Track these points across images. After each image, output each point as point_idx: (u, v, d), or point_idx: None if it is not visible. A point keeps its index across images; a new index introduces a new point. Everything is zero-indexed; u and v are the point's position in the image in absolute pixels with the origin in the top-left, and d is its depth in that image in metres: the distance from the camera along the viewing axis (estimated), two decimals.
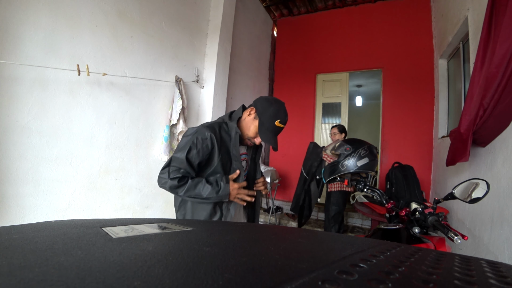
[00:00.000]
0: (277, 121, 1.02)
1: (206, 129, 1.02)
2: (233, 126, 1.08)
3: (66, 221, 0.38)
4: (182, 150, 1.00)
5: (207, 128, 1.02)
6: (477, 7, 1.89)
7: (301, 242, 0.32)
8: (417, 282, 0.18)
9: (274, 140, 1.05)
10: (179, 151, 1.02)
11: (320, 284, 0.16)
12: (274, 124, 1.02)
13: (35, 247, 0.24)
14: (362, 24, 3.86)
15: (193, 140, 1.01)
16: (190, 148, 1.00)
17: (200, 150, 1.01)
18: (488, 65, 1.36)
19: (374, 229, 0.99)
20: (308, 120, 4.10)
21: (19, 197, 1.37)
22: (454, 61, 2.79)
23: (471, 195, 0.86)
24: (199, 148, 1.01)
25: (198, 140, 1.01)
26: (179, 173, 0.99)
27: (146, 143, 2.11)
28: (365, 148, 1.08)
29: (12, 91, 1.32)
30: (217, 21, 2.71)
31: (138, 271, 0.18)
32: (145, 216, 2.14)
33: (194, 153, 1.01)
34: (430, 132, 3.33)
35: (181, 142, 1.04)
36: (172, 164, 1.01)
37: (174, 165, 1.00)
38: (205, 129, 1.02)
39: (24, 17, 1.35)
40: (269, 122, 1.02)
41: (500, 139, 1.53)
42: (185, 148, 1.00)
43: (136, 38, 1.97)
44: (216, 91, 2.65)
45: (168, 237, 0.31)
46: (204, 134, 1.01)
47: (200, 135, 1.01)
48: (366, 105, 6.62)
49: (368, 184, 1.12)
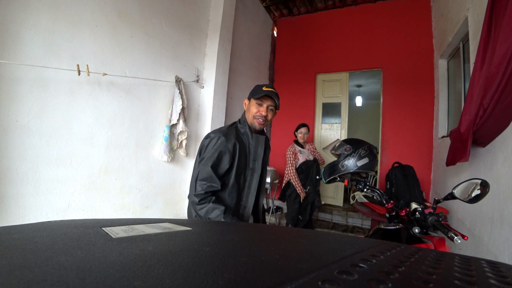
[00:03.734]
0: (263, 87, 1.11)
1: (228, 136, 1.08)
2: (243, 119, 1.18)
3: (66, 221, 0.38)
4: (209, 160, 1.04)
5: (228, 136, 1.08)
6: (477, 7, 1.89)
7: (301, 242, 0.32)
8: (417, 282, 0.18)
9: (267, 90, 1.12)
10: (205, 161, 1.05)
11: (320, 284, 0.16)
12: (262, 89, 1.11)
13: (35, 247, 0.24)
14: (362, 24, 3.86)
15: (220, 149, 1.05)
16: (215, 157, 1.04)
17: (225, 159, 1.06)
18: (488, 65, 1.35)
19: (374, 229, 0.99)
20: (308, 120, 4.10)
21: (19, 197, 1.37)
22: (454, 61, 2.79)
23: (471, 195, 0.86)
24: (224, 156, 1.06)
25: (223, 149, 1.06)
26: (203, 188, 1.02)
27: (146, 143, 2.11)
28: (365, 148, 1.08)
29: (12, 91, 1.32)
30: (217, 21, 2.71)
31: (138, 271, 0.18)
32: (145, 216, 2.14)
33: (219, 162, 1.06)
34: (430, 132, 3.33)
35: (206, 151, 1.08)
36: (199, 176, 1.04)
37: (200, 178, 1.04)
38: (227, 137, 1.08)
39: (24, 17, 1.35)
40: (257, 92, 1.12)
41: (500, 139, 1.53)
42: (211, 158, 1.04)
43: (136, 38, 1.97)
44: (216, 91, 2.65)
45: (168, 237, 0.31)
46: (227, 142, 1.06)
47: (224, 143, 1.06)
48: (366, 105, 6.62)
49: (368, 184, 1.12)
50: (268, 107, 1.14)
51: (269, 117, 1.16)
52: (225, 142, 1.06)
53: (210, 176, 1.03)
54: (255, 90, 1.15)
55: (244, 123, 1.17)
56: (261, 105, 1.13)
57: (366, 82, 5.48)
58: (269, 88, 1.12)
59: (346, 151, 1.10)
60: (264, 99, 1.13)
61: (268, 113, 1.15)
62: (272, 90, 1.12)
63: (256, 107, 1.14)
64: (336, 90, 4.03)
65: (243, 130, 1.17)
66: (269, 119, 1.17)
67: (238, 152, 1.09)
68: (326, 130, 4.11)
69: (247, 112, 1.18)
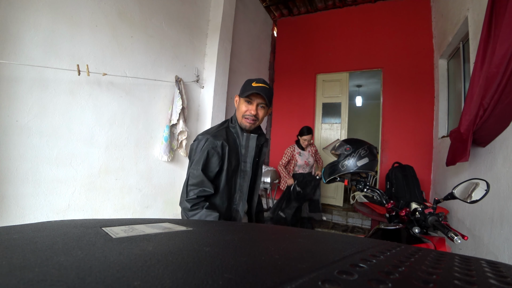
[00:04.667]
0: (252, 83, 1.03)
1: (216, 137, 1.02)
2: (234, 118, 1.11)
3: (66, 221, 0.38)
4: (197, 164, 0.99)
5: (216, 137, 1.02)
6: (477, 7, 1.89)
7: (301, 242, 0.32)
8: (417, 282, 0.18)
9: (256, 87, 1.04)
10: (194, 165, 1.00)
11: (320, 284, 0.16)
12: (252, 86, 1.03)
13: (35, 247, 0.24)
14: (362, 24, 3.86)
15: (208, 150, 1.00)
16: (204, 160, 0.99)
17: (214, 161, 1.01)
18: (488, 65, 1.35)
19: (374, 229, 0.99)
20: (308, 120, 4.10)
21: (19, 197, 1.37)
22: (454, 61, 2.79)
23: (471, 195, 0.86)
24: (213, 158, 1.00)
25: (211, 150, 1.00)
26: (195, 194, 0.97)
27: (146, 143, 2.11)
28: (365, 148, 1.08)
29: (12, 91, 1.32)
30: (217, 21, 2.71)
31: (138, 271, 0.18)
32: (145, 216, 2.14)
33: (209, 165, 1.00)
34: (430, 132, 3.33)
35: (195, 155, 1.03)
36: (190, 181, 0.99)
37: (191, 182, 0.99)
38: (215, 138, 1.02)
39: (24, 17, 1.35)
40: (246, 89, 1.04)
41: (500, 139, 1.53)
42: (200, 162, 0.99)
43: (136, 38, 1.97)
44: (216, 91, 2.65)
45: (168, 237, 0.31)
46: (215, 143, 1.00)
47: (211, 144, 1.00)
48: (366, 105, 6.62)
49: (368, 184, 1.12)
50: (259, 105, 1.05)
51: (260, 115, 1.07)
52: (212, 143, 1.00)
53: (201, 180, 0.98)
54: (244, 87, 1.06)
55: (235, 122, 1.10)
56: (250, 103, 1.05)
57: (366, 82, 5.48)
58: (260, 83, 1.02)
59: (346, 151, 1.10)
60: (253, 96, 1.04)
61: (259, 112, 1.06)
62: (262, 86, 1.02)
63: (245, 106, 1.05)
64: (336, 90, 4.03)
65: (234, 130, 1.10)
66: (260, 118, 1.08)
67: (227, 153, 1.02)
68: (326, 130, 4.11)
69: (237, 110, 1.10)
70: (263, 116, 1.09)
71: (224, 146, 1.01)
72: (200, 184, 0.98)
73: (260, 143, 1.17)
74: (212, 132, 1.05)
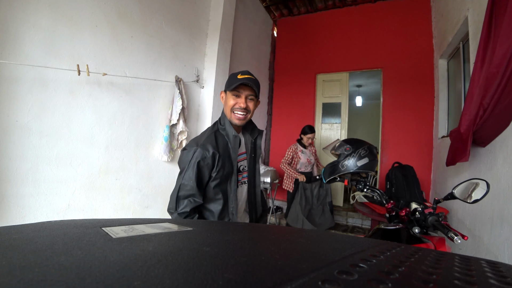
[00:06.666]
0: (238, 75, 0.99)
1: (205, 146, 0.98)
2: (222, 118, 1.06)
3: (66, 221, 0.38)
4: (188, 176, 0.96)
5: (204, 146, 0.98)
6: (477, 7, 1.89)
7: (301, 242, 0.32)
8: (417, 282, 0.18)
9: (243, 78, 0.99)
10: (185, 176, 0.97)
11: (320, 284, 0.16)
12: (238, 78, 0.98)
13: (35, 247, 0.24)
14: (362, 24, 3.86)
15: (197, 162, 0.96)
16: (195, 173, 0.96)
17: (205, 171, 0.97)
18: (488, 65, 1.35)
19: (374, 229, 0.99)
20: (308, 120, 4.10)
21: (19, 197, 1.37)
22: (454, 61, 2.79)
23: (471, 195, 0.86)
24: (204, 169, 0.97)
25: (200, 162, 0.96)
26: (186, 206, 0.95)
27: (146, 143, 2.11)
28: (365, 148, 1.08)
29: (12, 91, 1.32)
30: (217, 21, 2.71)
31: (138, 271, 0.18)
32: (145, 216, 2.14)
33: (200, 176, 0.97)
34: (430, 132, 3.33)
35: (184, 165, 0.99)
36: (180, 193, 0.96)
37: (182, 194, 0.96)
38: (203, 147, 0.97)
39: (24, 17, 1.35)
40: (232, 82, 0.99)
41: (500, 139, 1.53)
42: (191, 174, 0.96)
43: (136, 38, 1.97)
44: (216, 91, 2.65)
45: (168, 237, 0.31)
46: (204, 154, 0.97)
47: (200, 156, 0.96)
48: (366, 105, 6.62)
49: (368, 184, 1.12)
50: (248, 97, 1.00)
51: (251, 107, 1.02)
52: (202, 154, 0.95)
53: (192, 194, 0.95)
54: (230, 80, 1.01)
55: (224, 123, 1.04)
56: (238, 96, 1.00)
57: (366, 82, 5.48)
58: (246, 75, 0.98)
59: (346, 151, 1.10)
60: (241, 88, 0.98)
61: (249, 104, 1.01)
62: (248, 77, 0.97)
63: (233, 99, 1.00)
64: (336, 90, 4.03)
65: (224, 133, 1.04)
66: (251, 110, 1.03)
67: (217, 161, 0.98)
68: (326, 130, 4.11)
69: (225, 106, 1.04)
70: (253, 108, 1.04)
71: (215, 155, 0.97)
72: (191, 196, 0.96)
73: (254, 137, 1.13)
74: (200, 142, 1.00)
